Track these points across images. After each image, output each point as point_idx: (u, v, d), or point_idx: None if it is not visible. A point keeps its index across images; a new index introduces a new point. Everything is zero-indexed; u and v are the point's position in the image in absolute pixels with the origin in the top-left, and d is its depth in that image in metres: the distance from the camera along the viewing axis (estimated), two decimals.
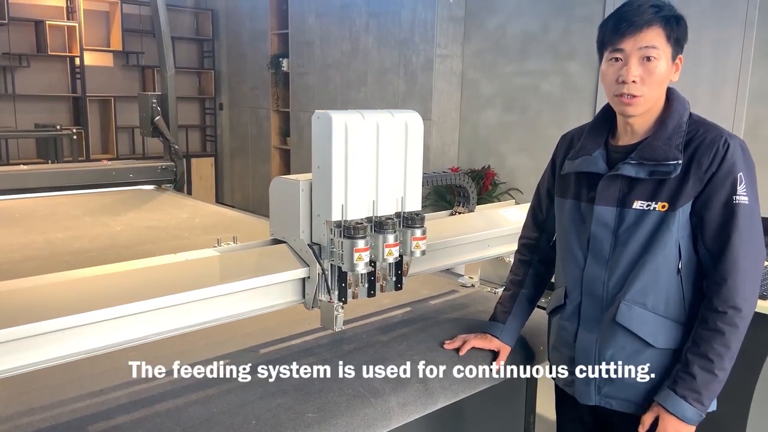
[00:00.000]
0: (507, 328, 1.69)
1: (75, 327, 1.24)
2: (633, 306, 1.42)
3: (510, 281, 1.73)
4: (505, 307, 1.71)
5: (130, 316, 1.31)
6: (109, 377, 1.44)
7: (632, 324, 1.43)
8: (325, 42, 6.58)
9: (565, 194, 1.55)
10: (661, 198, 1.38)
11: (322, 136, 1.54)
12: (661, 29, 1.35)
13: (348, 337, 1.73)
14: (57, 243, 2.66)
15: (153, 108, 4.30)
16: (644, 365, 1.44)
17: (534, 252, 1.70)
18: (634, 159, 1.40)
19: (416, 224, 1.65)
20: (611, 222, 1.44)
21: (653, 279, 1.40)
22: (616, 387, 1.46)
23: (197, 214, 3.36)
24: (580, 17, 4.77)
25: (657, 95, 1.40)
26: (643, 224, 1.40)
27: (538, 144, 5.17)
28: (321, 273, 1.58)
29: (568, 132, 1.64)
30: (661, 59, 1.36)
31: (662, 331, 1.42)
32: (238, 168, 8.31)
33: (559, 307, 1.57)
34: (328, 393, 1.41)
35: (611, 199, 1.44)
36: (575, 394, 1.54)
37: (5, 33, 6.76)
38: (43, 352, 1.22)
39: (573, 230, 1.52)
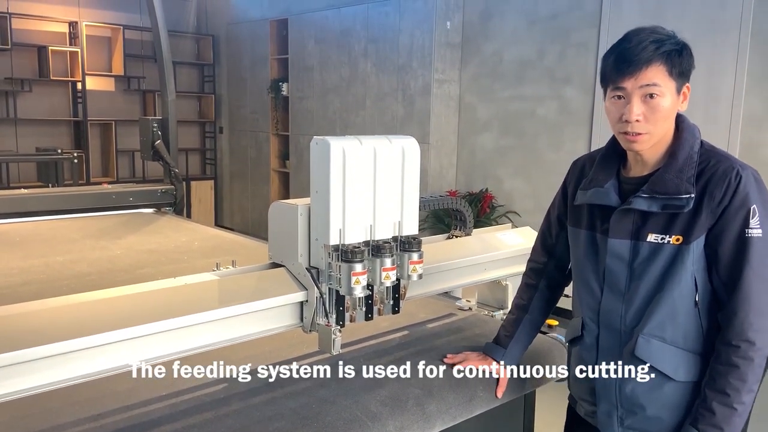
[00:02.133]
0: (508, 352, 1.69)
1: (74, 351, 1.25)
2: (651, 339, 1.41)
3: (515, 305, 1.73)
4: (507, 331, 1.70)
5: (129, 340, 1.32)
6: (108, 401, 1.44)
7: (652, 357, 1.41)
8: (324, 67, 6.67)
9: (578, 224, 1.54)
10: (675, 231, 1.37)
11: (321, 162, 1.56)
12: (663, 65, 1.34)
13: (345, 361, 1.73)
14: (56, 267, 2.67)
15: (154, 132, 4.33)
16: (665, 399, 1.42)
17: (541, 276, 1.70)
18: (646, 192, 1.38)
19: (413, 248, 1.67)
20: (626, 255, 1.43)
21: (671, 312, 1.39)
22: (639, 419, 1.45)
23: (196, 238, 3.37)
24: (576, 43, 4.85)
25: (663, 130, 1.39)
26: (658, 257, 1.39)
27: (534, 167, 5.22)
28: (319, 296, 1.60)
29: (579, 159, 1.63)
30: (665, 95, 1.35)
31: (683, 364, 1.41)
32: (238, 191, 8.35)
33: (577, 338, 1.57)
34: (325, 417, 1.42)
35: (625, 232, 1.43)
36: (598, 426, 1.53)
37: (8, 58, 6.85)
38: (42, 376, 1.22)
39: (589, 262, 1.51)
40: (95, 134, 7.56)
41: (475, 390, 1.65)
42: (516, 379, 1.76)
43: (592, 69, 4.74)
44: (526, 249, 2.18)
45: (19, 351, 1.17)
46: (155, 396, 1.48)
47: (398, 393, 1.56)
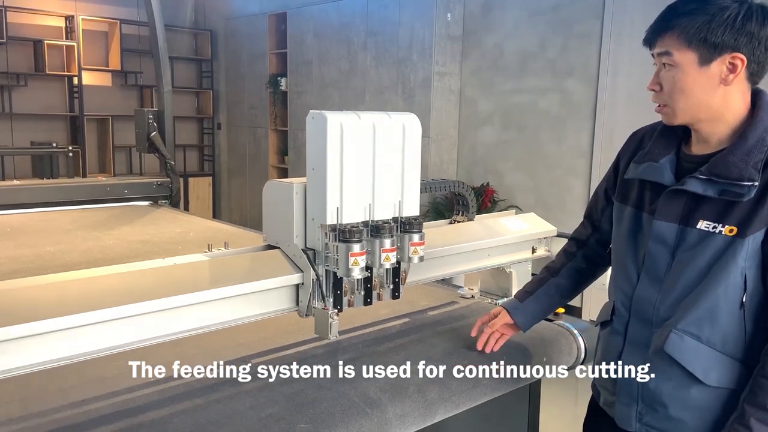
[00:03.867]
0: (523, 308, 1.59)
1: (56, 331, 1.18)
2: (685, 336, 1.28)
3: (545, 267, 1.63)
4: (529, 288, 1.62)
5: (115, 320, 1.25)
6: (92, 388, 1.37)
7: (682, 356, 1.28)
8: (323, 61, 6.60)
9: (625, 200, 1.41)
10: (730, 221, 1.22)
11: (317, 137, 1.50)
12: (681, 32, 1.22)
13: (343, 347, 1.66)
14: (46, 257, 2.59)
15: (149, 124, 4.27)
16: (690, 401, 1.30)
17: (581, 247, 1.60)
18: (704, 174, 1.25)
19: (414, 229, 1.59)
20: (670, 240, 1.30)
21: (711, 310, 1.26)
22: (660, 418, 1.34)
23: (192, 229, 3.30)
24: (579, 34, 4.78)
25: (689, 105, 1.26)
26: (706, 248, 1.25)
27: (536, 162, 5.15)
28: (315, 279, 1.53)
29: (640, 129, 1.47)
30: (678, 67, 1.24)
31: (716, 368, 1.27)
32: (236, 187, 8.27)
33: (606, 322, 1.46)
34: (321, 403, 1.35)
35: (673, 214, 1.29)
36: (615, 418, 1.42)
37: (3, 52, 6.78)
38: (21, 356, 1.15)
39: (630, 242, 1.39)
40: (92, 129, 7.48)
41: (479, 377, 1.58)
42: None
43: (595, 61, 4.67)
44: (531, 235, 2.13)
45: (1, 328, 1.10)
46: (142, 382, 1.41)
47: (398, 379, 1.48)
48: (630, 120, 4.38)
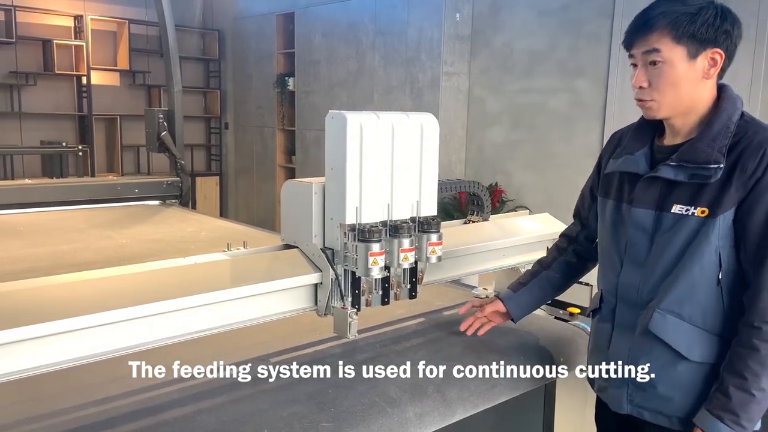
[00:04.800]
0: (516, 298, 1.68)
1: (79, 330, 1.19)
2: (667, 315, 1.36)
3: (538, 261, 1.73)
4: (522, 280, 1.70)
5: (137, 319, 1.26)
6: (114, 386, 1.38)
7: (666, 334, 1.36)
8: (331, 61, 6.60)
9: (607, 195, 1.50)
10: (701, 203, 1.31)
11: (337, 137, 1.50)
12: (667, 29, 1.29)
13: (361, 347, 1.67)
14: (60, 255, 2.61)
15: (159, 123, 4.28)
16: (676, 378, 1.36)
17: (571, 243, 1.69)
18: (674, 161, 1.34)
19: (432, 229, 1.60)
20: (649, 226, 1.38)
21: (690, 288, 1.33)
22: (649, 397, 1.40)
23: (203, 228, 3.31)
24: (588, 34, 4.77)
25: (676, 98, 1.33)
26: (681, 230, 1.33)
27: (545, 161, 5.14)
28: (334, 278, 1.53)
29: (619, 130, 1.58)
30: (669, 62, 1.30)
31: (698, 344, 1.34)
32: (243, 187, 8.28)
33: (596, 311, 1.55)
34: (342, 402, 1.35)
35: (650, 201, 1.38)
36: (607, 401, 1.49)
37: (12, 51, 6.81)
38: (47, 355, 1.16)
39: (612, 232, 1.47)
40: (100, 129, 7.51)
41: (497, 378, 1.58)
42: (536, 367, 1.69)
43: (604, 60, 4.67)
44: (545, 235, 2.13)
45: (22, 327, 1.10)
46: (165, 380, 1.41)
47: (418, 379, 1.49)
48: None
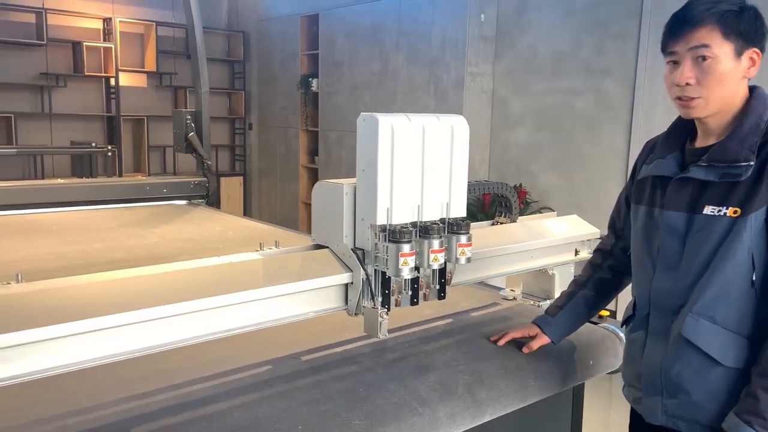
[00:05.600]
0: (555, 322, 1.65)
1: (118, 327, 1.22)
2: (700, 319, 1.33)
3: (573, 281, 1.70)
4: (559, 302, 1.67)
5: (176, 316, 1.29)
6: (151, 381, 1.41)
7: (699, 339, 1.33)
8: (354, 62, 6.63)
9: (640, 201, 1.49)
10: (733, 203, 1.29)
11: (368, 139, 1.52)
12: (716, 25, 1.29)
13: (390, 347, 1.68)
14: (94, 253, 2.66)
15: (187, 124, 4.35)
16: (711, 385, 1.33)
17: (606, 258, 1.66)
18: (705, 161, 1.33)
19: (462, 230, 1.61)
20: (681, 228, 1.37)
21: (723, 291, 1.31)
22: (683, 407, 1.38)
23: (230, 228, 3.35)
24: (615, 35, 4.73)
25: (721, 95, 1.32)
26: (713, 231, 1.31)
27: (571, 163, 5.11)
28: (365, 278, 1.55)
29: (653, 138, 1.58)
30: (718, 58, 1.29)
31: (733, 348, 1.32)
32: (266, 187, 8.36)
33: (629, 318, 1.53)
34: (374, 400, 1.37)
35: (681, 204, 1.37)
36: (642, 412, 1.47)
37: (43, 53, 6.95)
38: (89, 350, 1.19)
39: (645, 237, 1.46)
40: (127, 129, 7.63)
41: (527, 379, 1.59)
42: (565, 369, 1.70)
43: (632, 61, 4.62)
44: (573, 237, 2.12)
45: (67, 323, 1.14)
46: (199, 376, 1.45)
47: (447, 379, 1.50)
48: (668, 121, 4.31)
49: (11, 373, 1.09)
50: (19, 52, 6.84)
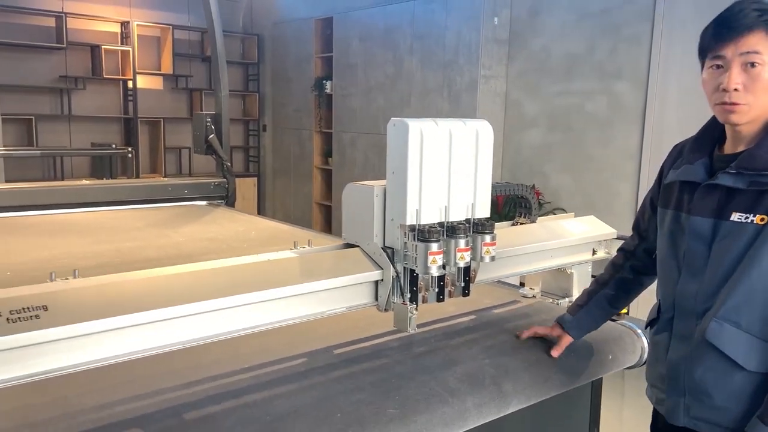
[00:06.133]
0: (576, 320, 1.69)
1: (172, 319, 1.30)
2: (725, 324, 1.35)
3: (595, 280, 1.74)
4: (580, 301, 1.71)
5: (219, 311, 1.37)
6: (196, 372, 1.50)
7: (723, 343, 1.35)
8: (368, 65, 6.72)
9: (667, 205, 1.51)
10: (760, 210, 1.30)
11: (398, 143, 1.59)
12: (765, 33, 1.29)
13: (417, 341, 1.76)
14: (126, 252, 2.76)
15: (207, 126, 4.44)
16: (734, 388, 1.35)
17: (628, 258, 1.69)
18: (733, 168, 1.34)
19: (486, 230, 1.68)
20: (707, 234, 1.38)
21: (747, 296, 1.33)
22: (706, 409, 1.40)
23: (252, 228, 3.44)
24: (628, 37, 4.79)
25: (763, 103, 1.32)
26: (739, 238, 1.33)
27: (583, 164, 5.17)
28: (395, 276, 1.62)
29: (681, 142, 1.58)
30: (767, 65, 1.29)
31: (756, 353, 1.33)
32: (280, 188, 8.46)
33: (654, 321, 1.55)
34: (406, 390, 1.44)
35: (708, 210, 1.38)
36: (664, 413, 1.50)
37: (63, 57, 7.09)
38: (138, 342, 1.27)
39: (670, 242, 1.48)
40: (144, 131, 7.75)
41: (550, 372, 1.66)
42: (586, 363, 1.76)
43: (644, 64, 4.68)
44: (590, 237, 2.19)
45: (116, 317, 1.22)
46: (239, 368, 1.53)
47: (475, 371, 1.57)
48: (681, 123, 4.37)
49: (85, 359, 1.18)
50: (40, 55, 6.98)
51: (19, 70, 6.79)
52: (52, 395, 1.37)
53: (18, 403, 1.34)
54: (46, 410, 1.32)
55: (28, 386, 1.16)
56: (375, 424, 1.32)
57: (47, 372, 1.17)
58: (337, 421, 1.30)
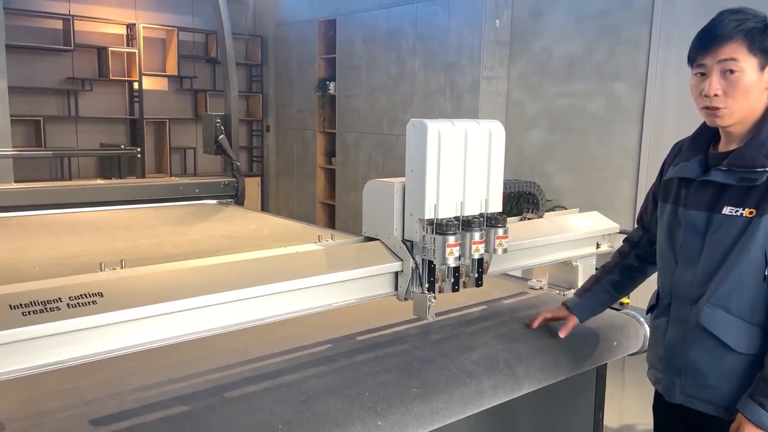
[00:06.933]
0: (581, 303, 1.81)
1: (210, 306, 1.41)
2: (717, 309, 1.46)
3: (601, 266, 1.86)
4: (586, 285, 1.83)
5: (252, 299, 1.47)
6: (228, 357, 1.60)
7: (715, 327, 1.47)
8: (372, 66, 6.82)
9: (666, 199, 1.62)
10: (749, 204, 1.42)
11: (417, 142, 1.70)
12: (743, 41, 1.40)
13: (434, 329, 1.87)
14: (144, 249, 2.86)
15: (217, 127, 4.55)
16: (725, 369, 1.47)
17: (633, 247, 1.81)
18: (725, 166, 1.46)
19: (499, 224, 1.79)
20: (701, 227, 1.50)
21: (737, 284, 1.44)
22: (700, 388, 1.52)
23: (265, 226, 3.54)
24: (626, 40, 4.90)
25: (746, 105, 1.43)
26: (730, 229, 1.44)
27: (584, 163, 5.28)
28: (414, 267, 1.73)
29: (680, 140, 1.69)
30: (744, 71, 1.40)
31: (746, 336, 1.44)
32: (284, 188, 8.56)
33: (653, 306, 1.68)
34: (427, 372, 1.55)
35: (702, 204, 1.50)
36: (663, 392, 1.62)
37: (70, 59, 7.19)
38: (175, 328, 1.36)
39: (668, 234, 1.60)
40: (150, 132, 7.85)
41: (559, 357, 1.77)
42: (593, 349, 1.87)
43: (643, 65, 4.79)
44: (595, 231, 2.30)
45: (165, 303, 1.32)
46: (269, 353, 1.64)
47: (489, 356, 1.68)
48: (679, 123, 4.49)
49: (137, 341, 1.29)
50: (47, 57, 7.08)
51: (28, 72, 6.88)
52: (94, 377, 1.47)
53: (68, 384, 1.44)
54: (93, 391, 1.42)
55: (75, 369, 1.26)
56: (401, 402, 1.43)
57: (103, 353, 1.27)
58: (366, 399, 1.41)
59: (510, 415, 1.89)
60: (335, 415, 1.34)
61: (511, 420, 1.92)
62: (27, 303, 1.18)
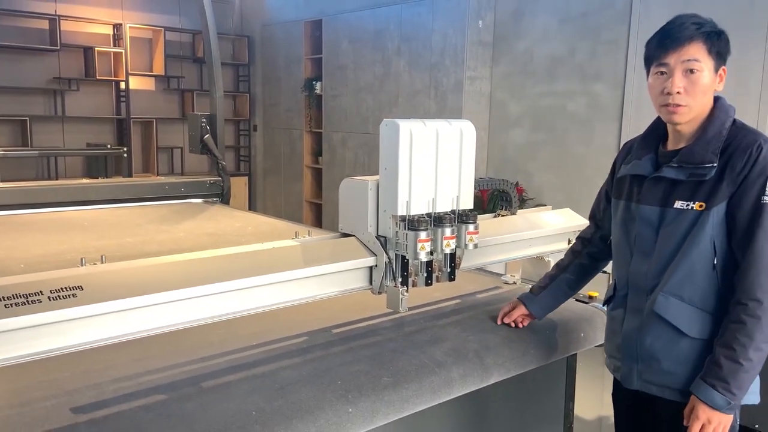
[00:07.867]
0: (538, 300, 1.89)
1: (186, 299, 1.46)
2: (670, 297, 1.55)
3: (556, 264, 1.93)
4: (542, 283, 1.91)
5: (232, 291, 1.53)
6: (206, 349, 1.66)
7: (669, 314, 1.55)
8: (358, 66, 6.88)
9: (619, 196, 1.70)
10: (699, 198, 1.51)
11: (390, 141, 1.77)
12: (703, 43, 1.49)
13: (407, 322, 1.93)
14: (129, 247, 2.90)
15: (202, 127, 4.59)
16: (679, 354, 1.55)
17: (585, 245, 1.89)
18: (676, 162, 1.55)
19: (470, 220, 1.86)
20: (654, 220, 1.58)
21: (689, 273, 1.53)
22: (656, 373, 1.60)
23: (249, 224, 3.59)
24: (606, 41, 4.99)
25: (701, 104, 1.52)
26: (682, 222, 1.53)
27: (565, 162, 5.37)
28: (388, 262, 1.80)
29: (630, 140, 1.78)
30: (704, 71, 1.50)
31: (697, 322, 1.53)
32: (271, 187, 8.60)
33: (610, 298, 1.76)
34: (398, 363, 1.62)
35: (655, 199, 1.58)
36: (621, 380, 1.70)
37: (56, 58, 7.19)
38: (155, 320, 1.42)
39: (623, 229, 1.68)
40: (137, 131, 7.85)
41: (528, 347, 1.84)
42: (560, 340, 1.95)
43: (622, 66, 4.88)
44: (566, 228, 2.38)
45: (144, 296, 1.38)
46: (246, 345, 1.69)
47: (459, 347, 1.75)
48: None
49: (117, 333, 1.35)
50: (34, 57, 7.07)
51: (14, 71, 6.88)
52: (74, 369, 1.53)
53: (50, 376, 1.50)
54: (73, 382, 1.48)
55: (53, 361, 1.31)
56: (372, 390, 1.49)
57: (83, 344, 1.33)
58: (338, 388, 1.47)
59: (483, 404, 1.96)
60: (307, 403, 1.40)
61: (484, 409, 1.99)
62: (9, 296, 1.23)
